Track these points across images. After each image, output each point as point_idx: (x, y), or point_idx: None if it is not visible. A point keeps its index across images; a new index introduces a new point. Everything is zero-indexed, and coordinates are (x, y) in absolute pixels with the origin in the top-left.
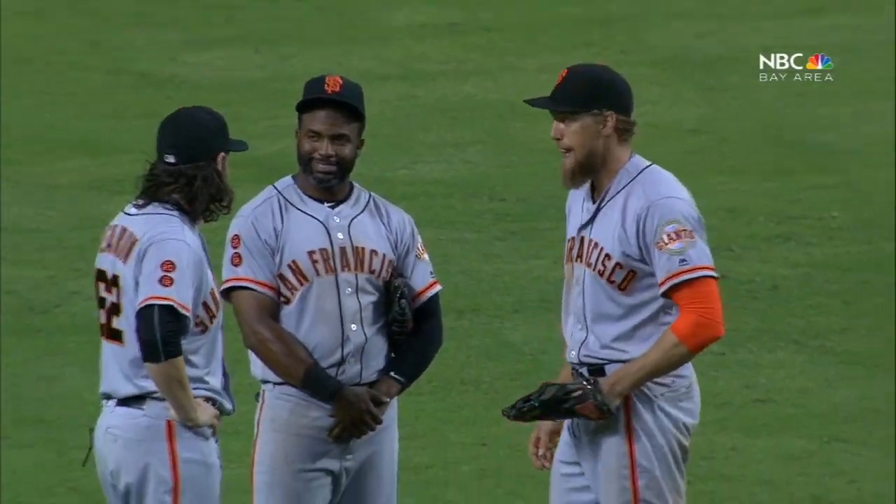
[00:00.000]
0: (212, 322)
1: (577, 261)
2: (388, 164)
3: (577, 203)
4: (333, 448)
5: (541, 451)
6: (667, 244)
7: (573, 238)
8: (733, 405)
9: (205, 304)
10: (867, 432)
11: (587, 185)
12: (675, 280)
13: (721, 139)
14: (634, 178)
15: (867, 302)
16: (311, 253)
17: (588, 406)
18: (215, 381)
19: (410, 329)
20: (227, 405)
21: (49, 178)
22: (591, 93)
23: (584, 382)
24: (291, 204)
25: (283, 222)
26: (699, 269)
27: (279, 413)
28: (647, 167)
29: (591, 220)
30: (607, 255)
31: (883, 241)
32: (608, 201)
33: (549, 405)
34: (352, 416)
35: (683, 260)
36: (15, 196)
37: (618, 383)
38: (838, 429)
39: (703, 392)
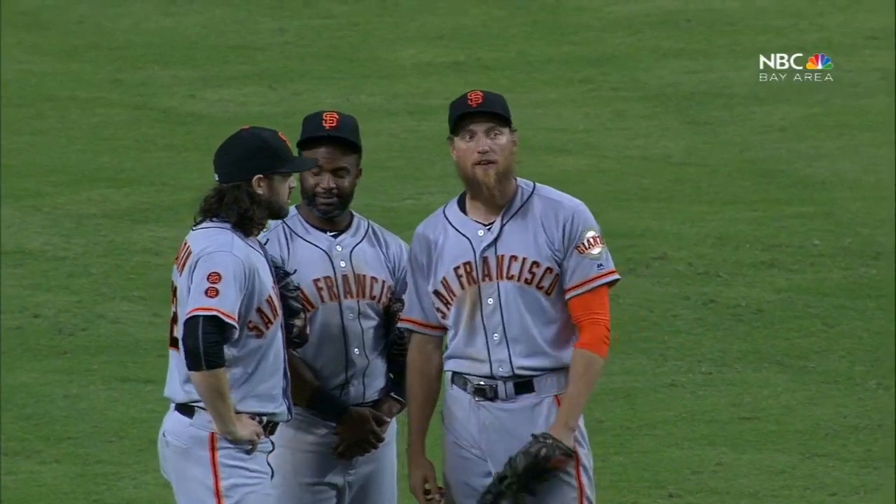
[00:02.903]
0: (267, 328)
1: (484, 280)
2: (395, 194)
3: (450, 235)
4: (337, 464)
5: (437, 497)
6: (587, 249)
7: (469, 263)
8: (720, 422)
9: (259, 311)
10: (846, 447)
11: (448, 218)
12: (594, 283)
13: (708, 171)
14: (533, 192)
15: (846, 324)
16: (315, 281)
17: (560, 459)
18: (266, 386)
19: None
20: (280, 411)
21: (75, 208)
22: (508, 111)
23: (539, 440)
24: (296, 234)
25: (289, 251)
26: (611, 273)
27: (287, 430)
28: (535, 183)
29: (497, 239)
30: (535, 263)
31: (860, 267)
32: (512, 216)
33: (526, 475)
34: (356, 436)
35: (601, 265)
36: (43, 225)
37: (569, 419)
38: (819, 444)
39: (692, 410)
